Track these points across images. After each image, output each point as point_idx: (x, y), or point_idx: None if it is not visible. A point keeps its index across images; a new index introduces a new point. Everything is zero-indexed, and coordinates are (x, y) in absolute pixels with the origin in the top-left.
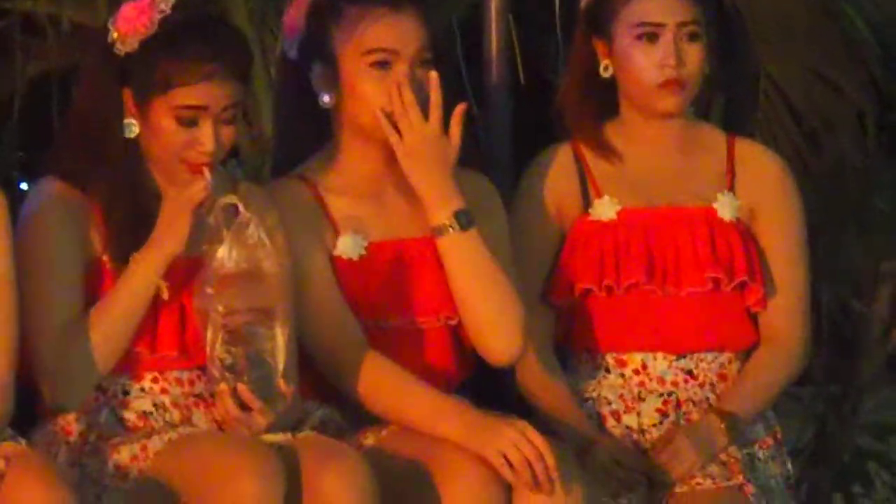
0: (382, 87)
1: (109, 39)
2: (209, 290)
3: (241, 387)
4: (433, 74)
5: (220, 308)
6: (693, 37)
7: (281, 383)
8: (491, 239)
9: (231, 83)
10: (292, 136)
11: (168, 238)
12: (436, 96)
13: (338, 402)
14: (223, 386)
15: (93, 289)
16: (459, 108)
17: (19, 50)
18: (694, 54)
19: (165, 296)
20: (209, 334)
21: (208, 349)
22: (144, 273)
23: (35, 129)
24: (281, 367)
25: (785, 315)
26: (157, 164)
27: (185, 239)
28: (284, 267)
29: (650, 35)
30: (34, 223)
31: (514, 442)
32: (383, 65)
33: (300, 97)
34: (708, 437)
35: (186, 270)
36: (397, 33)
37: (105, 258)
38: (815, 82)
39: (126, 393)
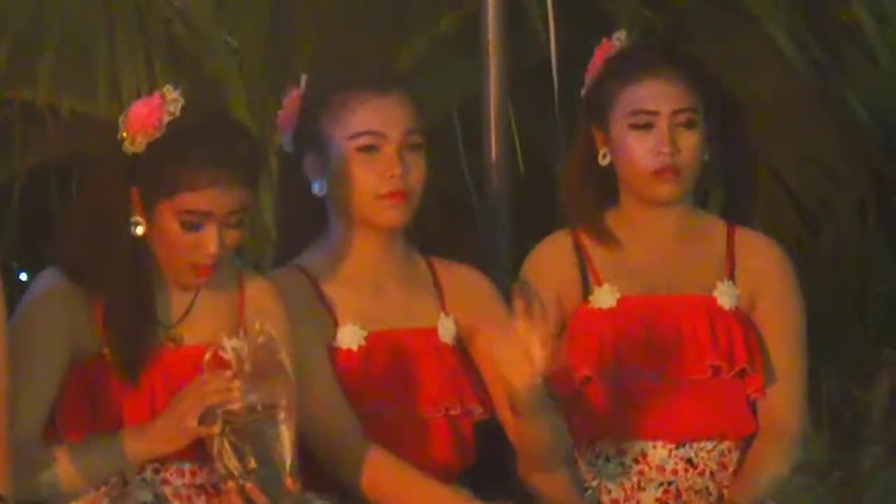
0: (370, 170)
1: (119, 137)
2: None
3: (250, 486)
4: None
5: (227, 405)
6: (688, 124)
7: (288, 481)
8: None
9: (237, 188)
10: (292, 228)
11: (163, 444)
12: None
13: (336, 493)
14: (230, 484)
15: (93, 383)
16: None
17: (19, 139)
18: (689, 141)
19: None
20: (216, 431)
21: (215, 447)
22: (128, 457)
23: (34, 219)
24: (288, 464)
25: (785, 404)
26: (162, 263)
27: (178, 448)
28: (290, 364)
29: (645, 123)
30: (24, 319)
31: None
32: (370, 148)
33: (298, 189)
34: None
35: (188, 361)
36: (383, 116)
37: (106, 351)
38: (814, 168)
39: (126, 483)
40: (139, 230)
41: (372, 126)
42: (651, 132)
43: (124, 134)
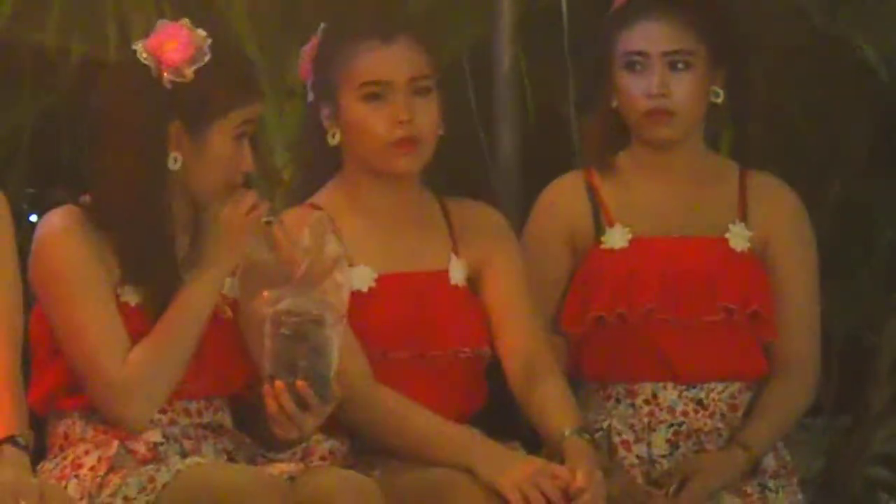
0: (379, 119)
1: (153, 74)
2: (271, 289)
3: (301, 383)
4: None
5: (281, 307)
6: (681, 66)
7: (335, 385)
8: (507, 275)
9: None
10: (313, 174)
11: (228, 256)
12: None
13: (344, 435)
14: (279, 383)
15: None
16: None
17: (28, 83)
18: (683, 83)
19: (228, 314)
20: (267, 328)
21: (267, 343)
22: (206, 291)
23: (44, 162)
24: (334, 369)
25: (798, 346)
26: (195, 192)
27: (242, 256)
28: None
29: (636, 64)
30: (59, 243)
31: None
32: (377, 97)
33: (319, 136)
34: (731, 473)
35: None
36: (388, 64)
37: (119, 292)
38: (823, 113)
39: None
40: (177, 164)
41: (377, 75)
42: (642, 74)
43: (161, 68)
